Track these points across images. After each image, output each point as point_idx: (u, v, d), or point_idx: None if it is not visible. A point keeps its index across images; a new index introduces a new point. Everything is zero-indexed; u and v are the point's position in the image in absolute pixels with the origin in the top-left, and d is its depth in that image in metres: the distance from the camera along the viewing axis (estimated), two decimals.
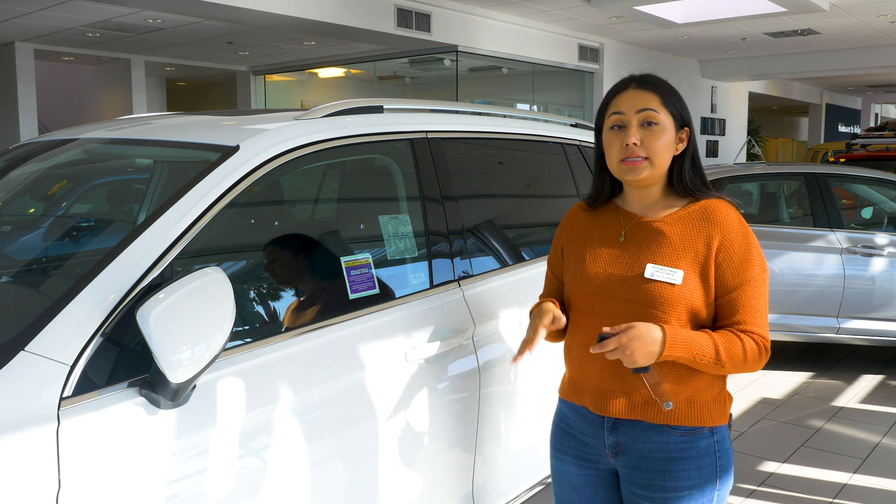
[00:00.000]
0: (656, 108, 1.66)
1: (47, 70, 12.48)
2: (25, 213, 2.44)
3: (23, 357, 1.41)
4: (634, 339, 1.54)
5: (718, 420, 1.69)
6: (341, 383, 1.89)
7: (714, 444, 1.67)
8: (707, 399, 1.67)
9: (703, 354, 1.58)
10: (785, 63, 13.16)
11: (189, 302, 1.44)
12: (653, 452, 1.67)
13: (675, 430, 1.66)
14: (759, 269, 1.65)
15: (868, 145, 8.91)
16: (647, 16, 9.22)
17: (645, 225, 1.71)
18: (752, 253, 1.64)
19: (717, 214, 1.66)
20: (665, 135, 1.66)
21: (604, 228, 1.77)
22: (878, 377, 5.24)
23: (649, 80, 1.71)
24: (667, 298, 1.61)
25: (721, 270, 1.63)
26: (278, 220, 2.27)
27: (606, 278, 1.69)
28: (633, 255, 1.68)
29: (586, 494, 1.80)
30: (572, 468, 1.80)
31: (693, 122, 1.72)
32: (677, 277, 1.62)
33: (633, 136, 1.65)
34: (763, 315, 1.64)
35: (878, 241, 5.13)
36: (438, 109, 2.60)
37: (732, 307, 1.63)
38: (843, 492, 3.43)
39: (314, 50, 11.09)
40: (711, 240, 1.64)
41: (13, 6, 8.14)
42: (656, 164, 1.66)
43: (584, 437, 1.77)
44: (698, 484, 1.66)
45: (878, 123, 16.42)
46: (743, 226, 1.67)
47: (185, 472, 1.56)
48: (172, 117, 2.50)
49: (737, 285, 1.63)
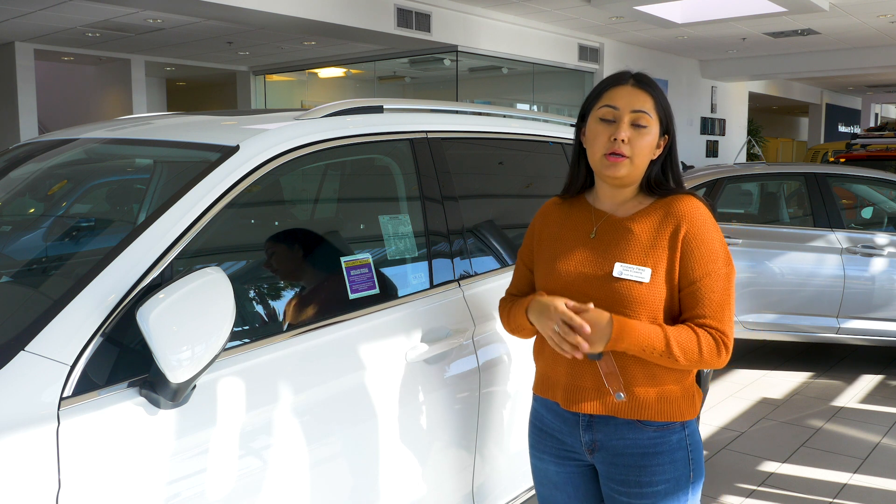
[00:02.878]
0: (649, 110, 1.67)
1: (47, 70, 12.48)
2: (25, 213, 2.44)
3: (23, 357, 1.41)
4: (590, 322, 1.57)
5: (688, 415, 1.71)
6: (341, 383, 1.89)
7: (686, 438, 1.70)
8: (677, 395, 1.69)
9: (651, 347, 1.59)
10: (785, 63, 13.16)
11: (189, 302, 1.44)
12: (627, 448, 1.69)
13: (648, 425, 1.68)
14: (723, 264, 1.64)
15: (868, 145, 8.91)
16: (647, 16, 9.23)
17: (615, 222, 1.72)
18: (715, 247, 1.64)
19: (683, 207, 1.66)
20: (650, 137, 1.67)
21: (575, 225, 1.78)
22: (878, 377, 5.24)
23: (647, 81, 1.71)
24: (635, 297, 1.62)
25: (684, 261, 1.63)
26: (278, 220, 2.27)
27: (576, 276, 1.70)
28: (603, 253, 1.69)
29: (568, 491, 1.82)
30: (552, 466, 1.83)
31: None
32: (645, 276, 1.63)
33: (624, 132, 1.65)
34: (725, 310, 1.64)
35: (878, 241, 5.13)
36: (438, 109, 2.60)
37: (693, 299, 1.63)
38: (843, 492, 3.43)
39: (314, 50, 11.10)
40: (678, 231, 1.64)
41: (13, 6, 8.14)
42: (636, 164, 1.67)
43: (560, 434, 1.79)
44: (673, 477, 1.68)
45: (878, 123, 16.42)
46: (708, 219, 1.67)
47: (185, 472, 1.56)
48: (172, 117, 2.50)
49: (698, 277, 1.62)
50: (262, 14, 7.34)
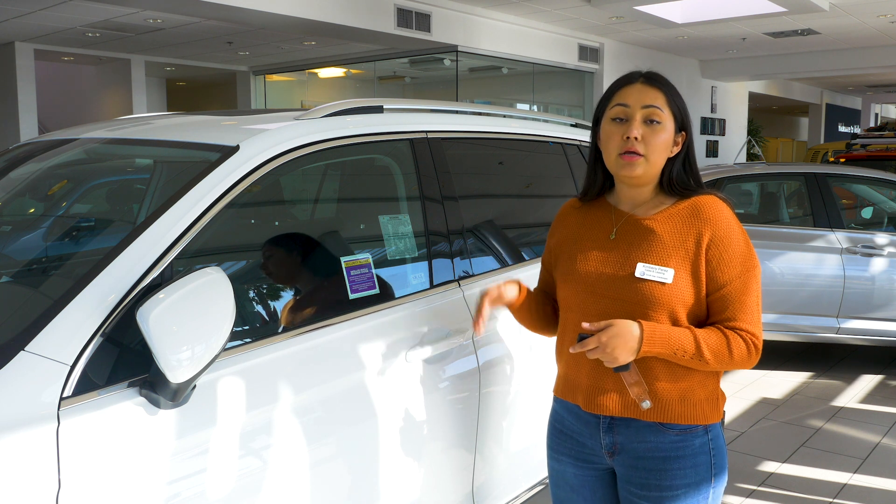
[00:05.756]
0: (661, 106, 1.65)
1: (47, 70, 12.48)
2: (25, 213, 2.44)
3: (23, 357, 1.41)
4: (614, 337, 1.54)
5: (712, 418, 1.68)
6: (341, 383, 1.89)
7: (709, 443, 1.67)
8: (700, 397, 1.66)
9: (683, 350, 1.57)
10: (785, 63, 13.16)
11: (189, 302, 1.44)
12: (649, 452, 1.67)
13: (670, 428, 1.65)
14: (750, 265, 1.63)
15: (868, 145, 8.92)
16: (647, 16, 9.22)
17: (635, 223, 1.70)
18: (742, 249, 1.63)
19: (707, 210, 1.64)
20: (664, 134, 1.65)
21: (595, 226, 1.76)
22: (878, 377, 5.24)
23: (657, 78, 1.70)
24: (657, 297, 1.61)
25: (711, 266, 1.62)
26: (278, 220, 2.27)
27: (597, 277, 1.69)
28: (624, 253, 1.67)
29: (585, 494, 1.80)
30: (570, 469, 1.80)
31: (692, 126, 1.71)
32: (668, 276, 1.61)
33: (637, 129, 1.63)
34: (754, 312, 1.63)
35: (878, 241, 5.13)
36: (438, 109, 2.60)
37: (722, 304, 1.62)
38: (843, 492, 3.43)
39: (314, 50, 11.10)
40: (701, 236, 1.63)
41: (13, 6, 8.14)
42: (651, 162, 1.65)
43: (580, 437, 1.77)
44: (694, 482, 1.66)
45: (878, 123, 16.42)
46: (734, 222, 1.65)
47: (185, 472, 1.56)
48: (172, 117, 2.50)
49: (727, 282, 1.61)
50: (262, 14, 7.34)
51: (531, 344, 2.42)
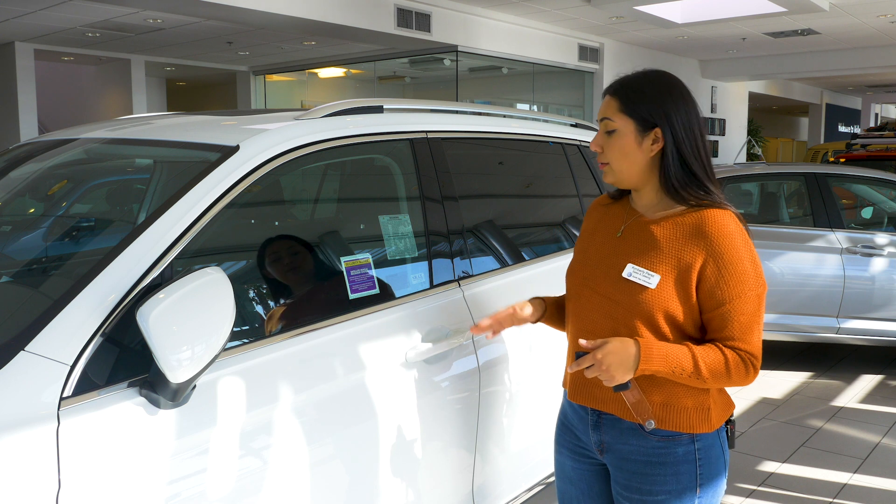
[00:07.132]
0: (612, 115, 1.67)
1: (47, 70, 12.48)
2: (25, 213, 2.44)
3: (23, 357, 1.41)
4: (609, 354, 1.53)
5: (699, 427, 1.64)
6: (341, 383, 1.89)
7: (695, 452, 1.64)
8: (685, 406, 1.63)
9: (681, 368, 1.55)
10: (785, 63, 13.17)
11: (189, 302, 1.44)
12: (632, 454, 1.68)
13: (652, 434, 1.65)
14: (754, 284, 1.58)
15: (868, 145, 8.91)
16: (647, 16, 9.23)
17: (642, 224, 1.70)
18: (745, 268, 1.58)
19: (710, 227, 1.59)
20: (620, 139, 1.66)
21: (609, 223, 1.78)
22: (878, 377, 5.24)
23: (616, 85, 1.69)
24: (638, 300, 1.60)
25: (709, 284, 1.57)
26: (278, 220, 2.27)
27: (592, 271, 1.72)
28: (622, 252, 1.69)
29: (582, 488, 1.83)
30: (568, 461, 1.84)
31: (678, 124, 1.62)
32: (653, 281, 1.60)
33: (595, 142, 1.71)
34: (754, 332, 1.59)
35: (878, 241, 5.13)
36: (438, 109, 2.60)
37: (722, 322, 1.59)
38: (843, 492, 3.43)
39: (314, 50, 11.10)
40: (699, 252, 1.58)
41: (13, 6, 8.14)
42: (617, 168, 1.68)
43: (577, 431, 1.81)
44: (675, 490, 1.64)
45: (878, 123, 16.42)
46: (739, 241, 1.59)
47: (185, 472, 1.56)
48: (172, 117, 2.50)
49: (726, 300, 1.57)
50: (262, 14, 7.34)
51: (531, 344, 2.42)
